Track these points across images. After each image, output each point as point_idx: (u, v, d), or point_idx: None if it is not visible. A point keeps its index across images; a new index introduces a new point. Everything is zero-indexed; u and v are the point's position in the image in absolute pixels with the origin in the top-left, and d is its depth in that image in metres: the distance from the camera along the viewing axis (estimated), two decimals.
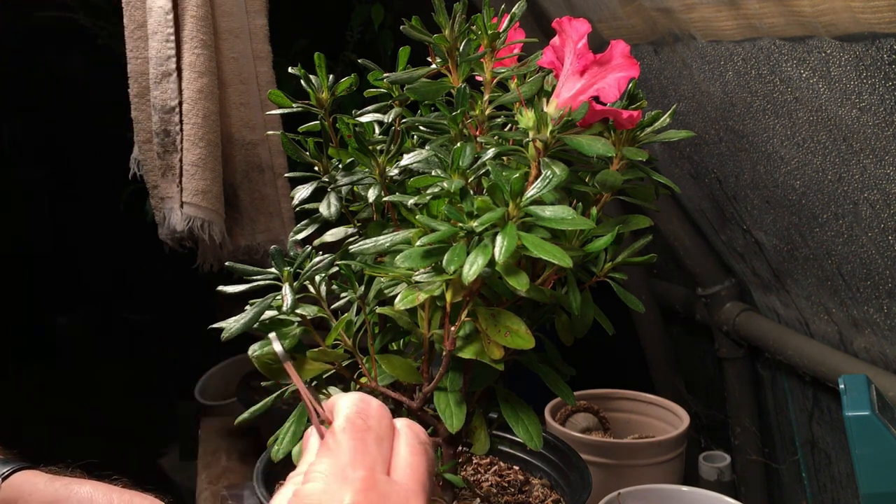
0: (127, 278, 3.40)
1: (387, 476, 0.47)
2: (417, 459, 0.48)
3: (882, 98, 0.86)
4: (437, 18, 0.70)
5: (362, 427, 0.48)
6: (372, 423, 0.48)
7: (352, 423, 0.48)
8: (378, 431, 0.48)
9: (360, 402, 0.49)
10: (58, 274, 3.47)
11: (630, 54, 0.67)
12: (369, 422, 0.48)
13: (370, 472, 0.46)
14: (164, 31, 1.30)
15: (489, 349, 0.64)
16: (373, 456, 0.47)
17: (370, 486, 0.45)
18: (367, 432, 0.48)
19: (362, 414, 0.49)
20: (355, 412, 0.48)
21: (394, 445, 0.49)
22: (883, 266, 1.04)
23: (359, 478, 0.45)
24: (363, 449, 0.47)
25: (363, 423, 0.48)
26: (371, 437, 0.48)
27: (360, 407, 0.49)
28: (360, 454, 0.46)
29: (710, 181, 1.32)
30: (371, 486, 0.45)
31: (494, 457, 0.91)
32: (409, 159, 0.68)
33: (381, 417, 0.49)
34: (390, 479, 0.47)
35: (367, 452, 0.47)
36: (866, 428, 0.78)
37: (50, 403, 3.16)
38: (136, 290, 3.41)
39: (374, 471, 0.46)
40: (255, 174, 1.44)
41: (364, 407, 0.49)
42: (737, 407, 1.53)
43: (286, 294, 0.66)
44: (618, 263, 0.72)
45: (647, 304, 1.62)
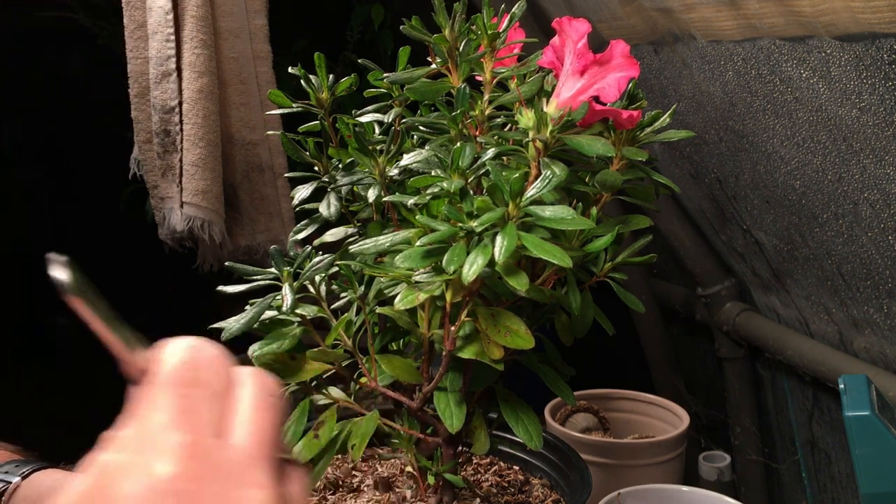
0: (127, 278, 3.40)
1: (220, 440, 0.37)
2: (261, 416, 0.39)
3: (882, 98, 0.86)
4: (437, 18, 0.70)
5: (189, 380, 0.38)
6: (203, 374, 0.39)
7: (176, 376, 0.38)
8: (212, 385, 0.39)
9: (190, 350, 0.40)
10: None
11: (630, 54, 0.67)
12: (200, 374, 0.39)
13: (196, 435, 0.37)
14: (164, 31, 1.30)
15: (489, 349, 0.64)
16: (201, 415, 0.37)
17: (193, 454, 0.36)
18: (196, 387, 0.38)
19: (191, 364, 0.39)
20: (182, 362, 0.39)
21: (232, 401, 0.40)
22: (883, 266, 1.04)
23: (177, 443, 0.36)
24: (188, 407, 0.37)
25: (191, 375, 0.39)
26: (200, 392, 0.38)
27: (190, 356, 0.39)
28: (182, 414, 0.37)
29: (710, 181, 1.32)
30: (194, 452, 0.36)
31: (494, 457, 0.91)
32: (408, 159, 0.68)
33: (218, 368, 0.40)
34: (224, 443, 0.38)
35: (192, 411, 0.37)
36: (866, 428, 0.78)
37: (50, 403, 3.16)
38: (136, 290, 3.41)
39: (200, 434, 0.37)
40: (255, 174, 1.44)
41: (195, 356, 0.40)
42: (737, 407, 1.53)
43: (286, 294, 0.66)
44: (618, 263, 0.72)
45: (647, 304, 1.62)
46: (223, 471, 0.36)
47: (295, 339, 0.68)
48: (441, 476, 0.75)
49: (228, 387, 0.40)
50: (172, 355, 0.40)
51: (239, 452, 0.37)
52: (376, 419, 0.71)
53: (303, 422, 0.71)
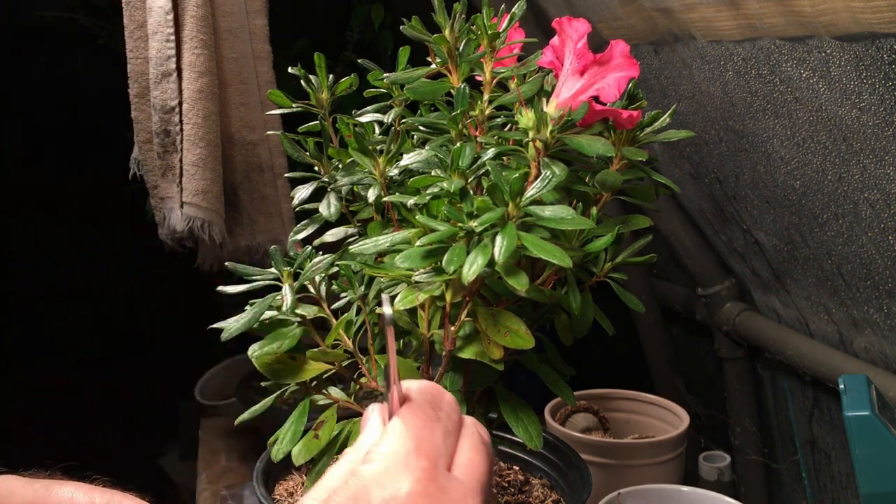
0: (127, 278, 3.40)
1: (447, 471, 0.45)
2: (480, 459, 0.47)
3: (882, 98, 0.86)
4: (437, 18, 0.70)
5: (432, 417, 0.46)
6: (442, 414, 0.47)
7: (422, 411, 0.46)
8: (446, 424, 0.47)
9: (435, 392, 0.48)
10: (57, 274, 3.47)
11: (630, 54, 0.67)
12: (439, 413, 0.47)
13: (433, 463, 0.44)
14: (164, 31, 1.30)
15: (489, 349, 0.64)
16: (438, 448, 0.45)
17: (431, 478, 0.44)
18: (437, 423, 0.46)
19: (434, 403, 0.47)
20: (428, 401, 0.47)
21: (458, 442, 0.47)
22: (883, 266, 1.04)
23: (421, 467, 0.44)
24: (430, 438, 0.45)
25: (434, 413, 0.47)
26: (439, 428, 0.46)
27: (434, 396, 0.48)
28: (425, 443, 0.45)
29: (710, 181, 1.32)
30: (432, 477, 0.44)
31: (494, 457, 0.91)
32: (408, 159, 0.68)
33: (451, 412, 0.48)
34: (451, 474, 0.45)
35: (432, 443, 0.45)
36: (866, 428, 0.78)
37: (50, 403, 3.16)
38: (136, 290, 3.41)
39: (436, 463, 0.45)
40: (255, 174, 1.44)
41: (437, 397, 0.48)
42: (737, 407, 1.53)
43: (286, 294, 0.66)
44: (618, 263, 0.72)
45: (647, 304, 1.62)
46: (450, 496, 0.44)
47: (295, 339, 0.68)
48: None
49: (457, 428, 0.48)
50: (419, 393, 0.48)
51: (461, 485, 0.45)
52: None
53: (303, 422, 0.71)
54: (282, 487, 0.83)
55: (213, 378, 1.93)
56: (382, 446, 0.45)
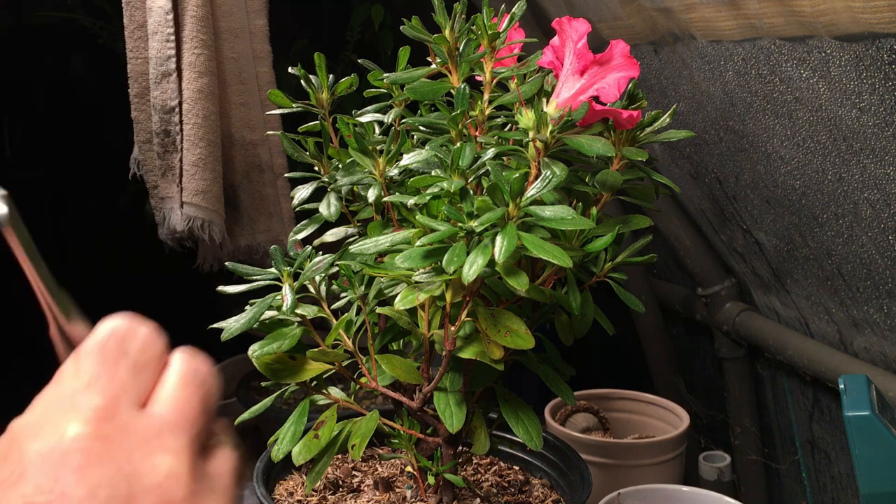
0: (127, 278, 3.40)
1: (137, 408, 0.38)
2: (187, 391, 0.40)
3: (882, 98, 0.86)
4: (437, 18, 0.70)
5: (114, 352, 0.39)
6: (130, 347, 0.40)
7: (101, 347, 0.39)
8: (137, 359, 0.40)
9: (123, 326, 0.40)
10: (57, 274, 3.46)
11: (630, 54, 0.67)
12: (126, 346, 0.40)
13: (111, 400, 0.37)
14: (164, 31, 1.30)
15: (489, 349, 0.64)
16: (121, 384, 0.38)
17: (107, 415, 0.36)
18: (121, 358, 0.39)
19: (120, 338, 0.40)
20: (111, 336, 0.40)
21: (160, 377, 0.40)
22: (883, 266, 1.04)
23: (92, 405, 0.36)
24: (109, 374, 0.38)
25: (117, 347, 0.39)
26: (125, 363, 0.39)
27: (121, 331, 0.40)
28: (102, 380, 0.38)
29: (710, 181, 1.32)
30: (108, 415, 0.36)
31: (494, 457, 0.91)
32: (408, 159, 0.68)
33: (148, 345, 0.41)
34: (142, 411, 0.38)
35: (113, 379, 0.38)
36: (866, 428, 0.78)
37: None
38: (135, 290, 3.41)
39: (117, 400, 0.37)
40: (255, 174, 1.44)
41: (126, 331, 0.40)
42: (737, 407, 1.53)
43: (286, 294, 0.66)
44: (618, 263, 0.72)
45: (647, 304, 1.62)
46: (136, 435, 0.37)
47: (295, 339, 0.68)
48: (441, 476, 0.75)
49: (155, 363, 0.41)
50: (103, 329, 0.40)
51: (156, 420, 0.38)
52: (376, 419, 0.71)
53: (303, 422, 0.71)
54: (282, 487, 0.83)
55: None
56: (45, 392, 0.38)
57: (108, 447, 0.35)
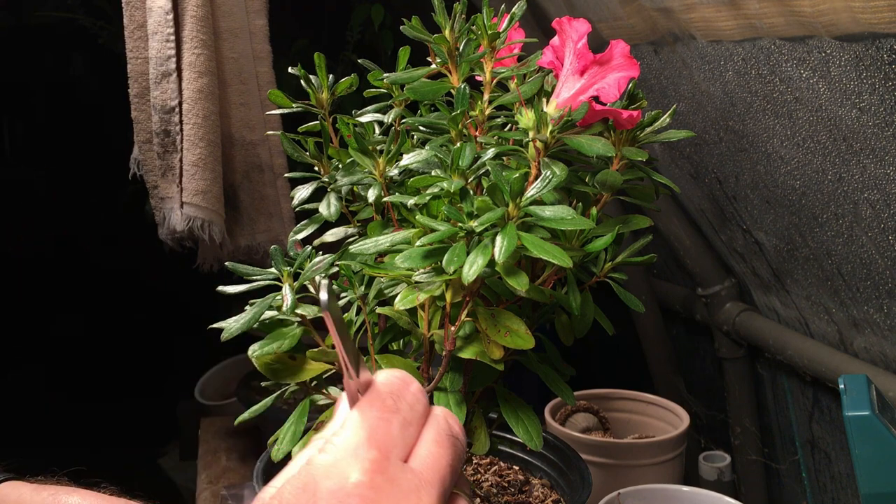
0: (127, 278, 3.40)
1: (402, 462, 0.45)
2: (441, 451, 0.46)
3: (882, 98, 0.86)
4: (437, 18, 0.70)
5: (391, 407, 0.46)
6: (402, 405, 0.47)
7: (380, 402, 0.46)
8: (406, 415, 0.46)
9: (397, 382, 0.48)
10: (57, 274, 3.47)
11: (630, 54, 0.67)
12: (399, 403, 0.46)
13: (384, 453, 0.44)
14: (164, 31, 1.30)
15: (489, 349, 0.64)
16: (392, 439, 0.45)
17: (380, 469, 0.43)
18: (394, 414, 0.46)
19: (395, 394, 0.47)
20: (388, 391, 0.47)
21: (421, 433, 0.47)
22: (883, 266, 1.04)
23: (371, 458, 0.43)
24: (384, 430, 0.45)
25: (393, 403, 0.46)
26: (397, 419, 0.46)
27: (396, 387, 0.47)
28: (379, 434, 0.44)
29: (710, 181, 1.32)
30: (381, 468, 0.43)
31: (494, 457, 0.91)
32: (408, 159, 0.68)
33: (415, 402, 0.47)
34: (405, 465, 0.45)
35: (387, 434, 0.45)
36: (866, 428, 0.78)
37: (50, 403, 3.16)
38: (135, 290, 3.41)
39: (388, 454, 0.44)
40: (255, 174, 1.44)
41: (400, 387, 0.47)
42: (737, 407, 1.53)
43: (286, 294, 0.66)
44: (618, 263, 0.72)
45: (647, 304, 1.62)
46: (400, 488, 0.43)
47: (295, 339, 0.68)
48: None
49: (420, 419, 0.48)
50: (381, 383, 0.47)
51: (415, 477, 0.44)
52: None
53: (303, 422, 0.71)
54: None
55: (213, 378, 1.93)
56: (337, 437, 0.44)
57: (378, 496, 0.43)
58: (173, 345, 2.97)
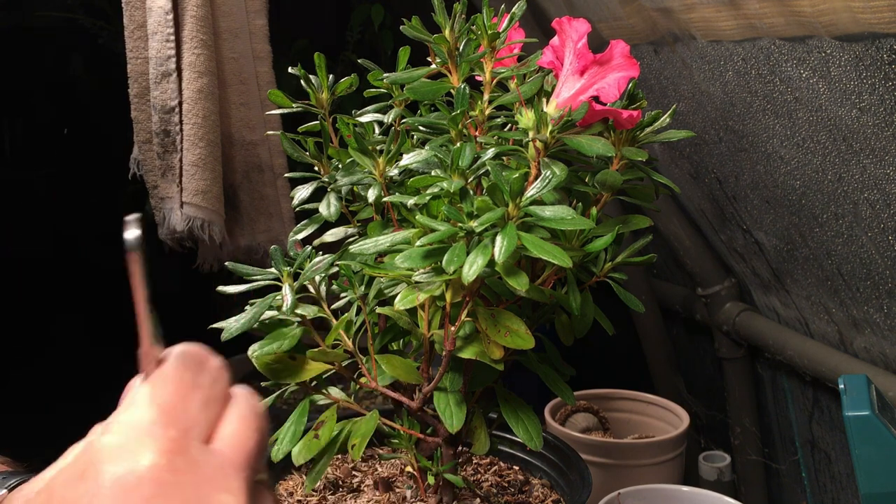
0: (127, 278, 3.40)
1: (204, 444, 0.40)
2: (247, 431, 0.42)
3: (882, 98, 0.86)
4: (437, 18, 0.70)
5: (188, 383, 0.41)
6: (203, 380, 0.42)
7: (179, 376, 0.41)
8: (208, 392, 0.42)
9: (197, 356, 0.43)
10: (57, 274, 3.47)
11: (630, 54, 0.67)
12: (200, 379, 0.42)
13: (184, 433, 0.39)
14: (164, 31, 1.30)
15: (489, 349, 0.64)
16: (193, 417, 0.40)
17: (178, 449, 0.38)
18: (194, 390, 0.41)
19: (194, 369, 0.42)
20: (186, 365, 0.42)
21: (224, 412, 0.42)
22: (883, 266, 1.04)
23: (168, 437, 0.38)
24: (182, 407, 0.40)
25: (192, 378, 0.41)
26: (196, 396, 0.41)
27: (195, 360, 0.43)
28: (176, 411, 0.39)
29: (710, 181, 1.32)
30: (180, 448, 0.38)
31: (494, 457, 0.91)
32: (408, 159, 0.68)
33: (216, 379, 0.43)
34: (208, 447, 0.40)
35: (186, 411, 0.40)
36: (866, 428, 0.78)
37: (49, 403, 3.16)
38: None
39: (188, 434, 0.39)
40: (255, 174, 1.44)
41: (199, 362, 0.43)
42: (737, 407, 1.53)
43: (286, 294, 0.66)
44: (618, 263, 0.72)
45: (647, 304, 1.62)
46: (203, 471, 0.38)
47: (295, 339, 0.68)
48: (441, 476, 0.75)
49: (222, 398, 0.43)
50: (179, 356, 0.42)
51: (220, 458, 0.40)
52: (376, 419, 0.71)
53: (303, 422, 0.71)
54: (282, 487, 0.83)
55: None
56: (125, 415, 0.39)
57: (178, 480, 0.37)
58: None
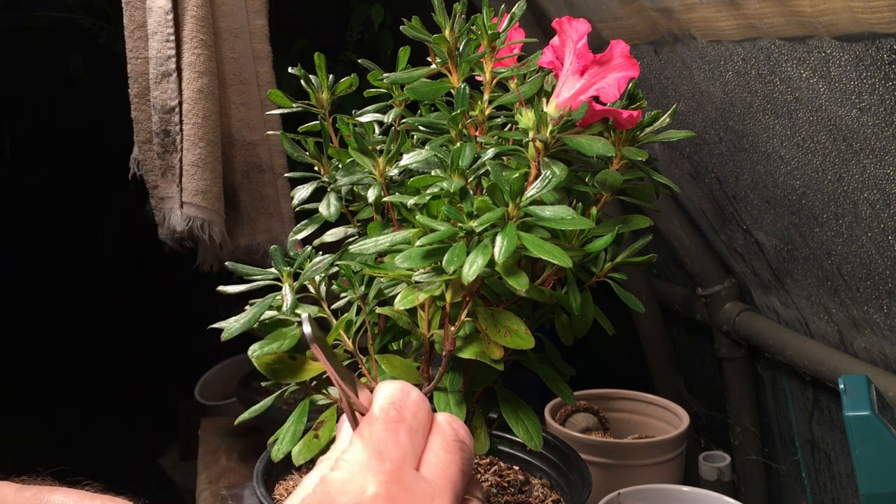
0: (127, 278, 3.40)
1: (415, 471, 0.46)
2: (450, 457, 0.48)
3: (882, 98, 0.86)
4: (437, 18, 0.70)
5: (395, 418, 0.48)
6: (406, 414, 0.48)
7: (385, 414, 0.48)
8: (412, 424, 0.48)
9: (398, 393, 0.49)
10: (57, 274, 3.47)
11: (630, 54, 0.67)
12: (403, 412, 0.48)
13: (397, 464, 0.45)
14: (164, 31, 1.30)
15: (489, 349, 0.64)
16: (403, 448, 0.46)
17: (395, 479, 0.45)
18: (400, 423, 0.47)
19: (397, 405, 0.48)
20: (390, 402, 0.48)
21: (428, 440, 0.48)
22: (883, 266, 1.04)
23: (385, 470, 0.45)
24: (394, 440, 0.46)
25: (397, 413, 0.48)
26: (403, 428, 0.47)
27: (398, 398, 0.49)
28: (390, 445, 0.46)
29: (710, 181, 1.32)
30: (396, 478, 0.45)
31: (494, 457, 0.91)
32: (408, 159, 0.68)
33: (418, 410, 0.49)
34: (418, 474, 0.46)
35: (397, 444, 0.46)
36: (866, 428, 0.78)
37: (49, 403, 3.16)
38: (136, 290, 3.41)
39: (401, 463, 0.46)
40: (255, 174, 1.44)
41: (401, 398, 0.49)
42: (737, 407, 1.53)
43: (286, 294, 0.66)
44: (618, 263, 0.72)
45: (647, 304, 1.62)
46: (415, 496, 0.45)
47: (295, 339, 0.68)
48: None
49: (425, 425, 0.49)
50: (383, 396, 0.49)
51: (429, 484, 0.46)
52: None
53: (303, 422, 0.71)
54: (282, 487, 0.83)
55: (213, 378, 1.93)
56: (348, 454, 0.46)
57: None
58: (173, 345, 2.97)
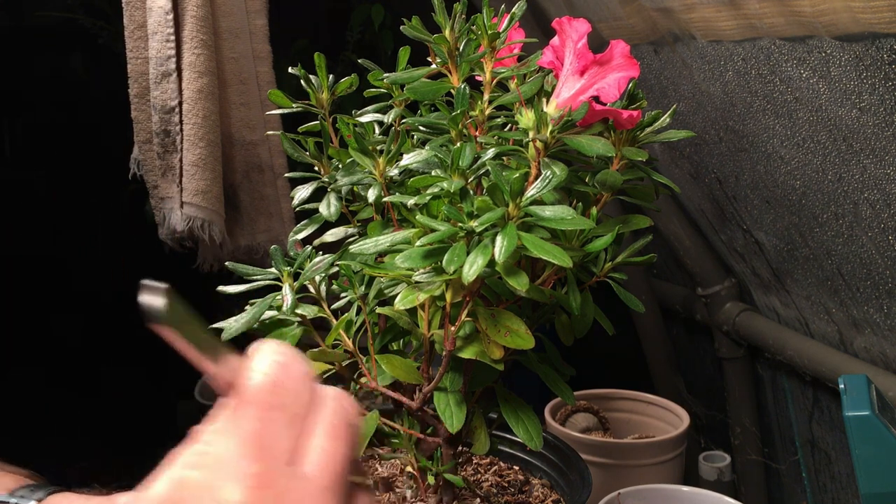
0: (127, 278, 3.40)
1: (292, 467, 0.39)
2: (336, 445, 0.41)
3: (882, 98, 0.86)
4: (437, 18, 0.70)
5: (271, 403, 0.40)
6: (286, 397, 0.40)
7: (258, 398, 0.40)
8: (293, 409, 0.40)
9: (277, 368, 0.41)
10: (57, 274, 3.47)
11: (630, 54, 0.67)
12: (282, 396, 0.40)
13: (268, 464, 0.38)
14: (164, 31, 1.30)
15: (489, 349, 0.64)
16: (277, 442, 0.39)
17: (265, 483, 0.37)
18: (276, 410, 0.40)
19: (275, 385, 0.40)
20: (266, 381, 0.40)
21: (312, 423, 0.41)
22: (883, 266, 1.04)
23: (253, 472, 0.37)
24: (266, 432, 0.39)
25: (273, 397, 0.40)
26: (281, 417, 0.40)
27: (277, 374, 0.40)
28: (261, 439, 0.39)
29: (710, 181, 1.32)
30: (267, 482, 0.38)
31: (494, 457, 0.91)
32: (408, 159, 0.68)
33: (300, 392, 0.41)
34: (296, 471, 0.39)
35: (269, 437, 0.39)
36: (866, 428, 0.78)
37: (50, 403, 3.16)
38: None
39: (273, 463, 0.38)
40: (255, 174, 1.44)
41: (279, 375, 0.41)
42: (737, 407, 1.53)
43: (286, 294, 0.66)
44: (618, 263, 0.72)
45: (647, 304, 1.62)
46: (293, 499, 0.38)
47: (295, 339, 0.68)
48: (441, 476, 0.75)
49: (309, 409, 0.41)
50: (259, 371, 0.41)
51: (308, 484, 0.39)
52: (376, 419, 0.71)
53: None
54: None
55: None
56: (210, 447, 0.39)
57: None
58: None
